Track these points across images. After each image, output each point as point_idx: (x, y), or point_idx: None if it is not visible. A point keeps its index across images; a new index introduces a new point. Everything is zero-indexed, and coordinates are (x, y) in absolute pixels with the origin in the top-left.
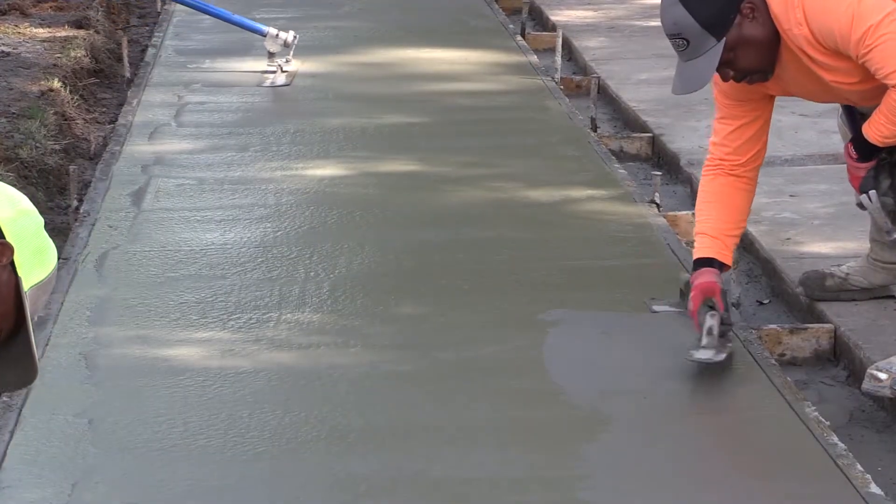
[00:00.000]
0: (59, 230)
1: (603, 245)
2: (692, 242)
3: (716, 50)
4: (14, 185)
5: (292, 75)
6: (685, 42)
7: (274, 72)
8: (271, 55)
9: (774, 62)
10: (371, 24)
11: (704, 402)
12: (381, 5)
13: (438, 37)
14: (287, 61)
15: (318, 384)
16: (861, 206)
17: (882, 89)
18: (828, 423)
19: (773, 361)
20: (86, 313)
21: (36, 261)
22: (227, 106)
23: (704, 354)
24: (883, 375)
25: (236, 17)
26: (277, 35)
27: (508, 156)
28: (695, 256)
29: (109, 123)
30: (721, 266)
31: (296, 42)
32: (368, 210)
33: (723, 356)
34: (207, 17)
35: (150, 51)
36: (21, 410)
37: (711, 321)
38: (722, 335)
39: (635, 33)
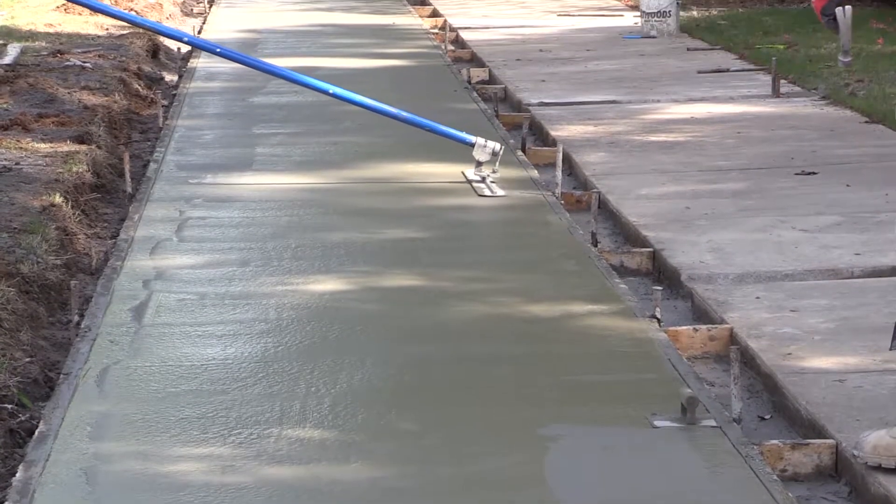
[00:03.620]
0: (59, 345)
1: (604, 360)
2: (693, 357)
3: None
4: (15, 301)
5: (501, 186)
6: None
7: (481, 181)
8: (479, 164)
9: None
10: (372, 138)
11: None
12: (382, 121)
13: (439, 151)
14: (494, 171)
15: (319, 500)
16: (833, 19)
17: None
18: None
19: (775, 477)
20: (86, 429)
21: None
22: (228, 221)
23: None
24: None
25: (442, 128)
26: (486, 144)
27: (509, 270)
28: None
29: (111, 238)
30: None
31: (502, 152)
32: (369, 325)
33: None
34: (209, 132)
35: (152, 166)
36: None
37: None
38: None
39: (635, 148)
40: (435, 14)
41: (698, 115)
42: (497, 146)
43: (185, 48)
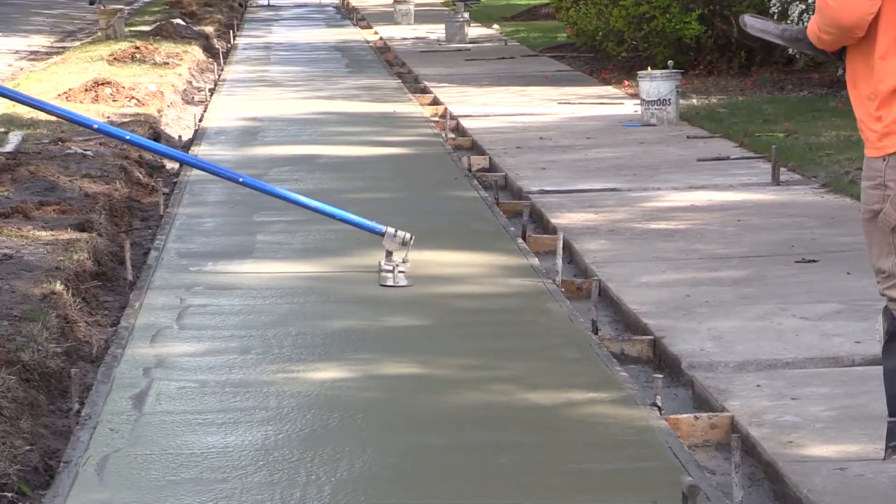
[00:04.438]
0: (60, 433)
1: (604, 448)
2: (694, 445)
3: None
4: (16, 389)
5: (410, 276)
6: None
7: (390, 271)
8: (389, 254)
9: None
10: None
11: None
12: (382, 207)
13: (440, 240)
14: (404, 261)
15: None
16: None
17: None
18: None
19: None
20: None
21: None
22: (228, 308)
23: None
24: None
25: (352, 218)
26: (396, 234)
27: (510, 358)
28: None
29: (111, 326)
30: None
31: (412, 242)
32: (370, 413)
33: None
34: (209, 219)
35: (153, 253)
36: None
37: None
38: None
39: (636, 236)
40: (435, 102)
41: (699, 202)
42: (407, 236)
43: (186, 137)
